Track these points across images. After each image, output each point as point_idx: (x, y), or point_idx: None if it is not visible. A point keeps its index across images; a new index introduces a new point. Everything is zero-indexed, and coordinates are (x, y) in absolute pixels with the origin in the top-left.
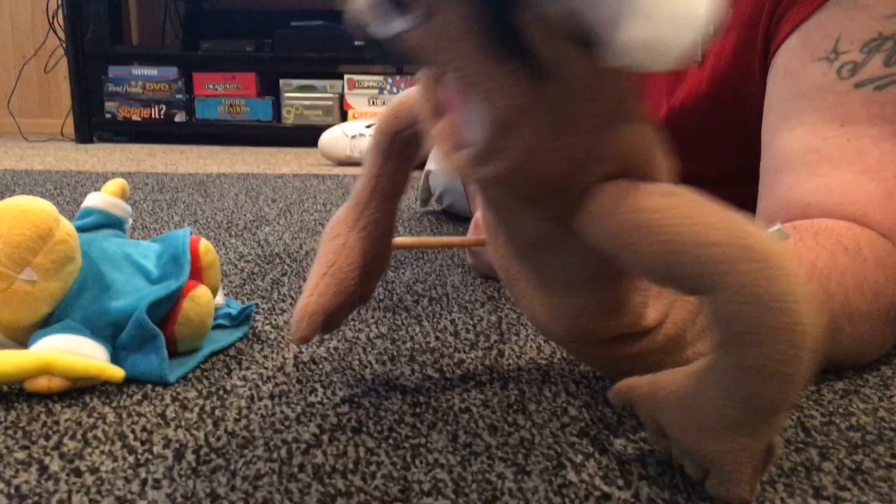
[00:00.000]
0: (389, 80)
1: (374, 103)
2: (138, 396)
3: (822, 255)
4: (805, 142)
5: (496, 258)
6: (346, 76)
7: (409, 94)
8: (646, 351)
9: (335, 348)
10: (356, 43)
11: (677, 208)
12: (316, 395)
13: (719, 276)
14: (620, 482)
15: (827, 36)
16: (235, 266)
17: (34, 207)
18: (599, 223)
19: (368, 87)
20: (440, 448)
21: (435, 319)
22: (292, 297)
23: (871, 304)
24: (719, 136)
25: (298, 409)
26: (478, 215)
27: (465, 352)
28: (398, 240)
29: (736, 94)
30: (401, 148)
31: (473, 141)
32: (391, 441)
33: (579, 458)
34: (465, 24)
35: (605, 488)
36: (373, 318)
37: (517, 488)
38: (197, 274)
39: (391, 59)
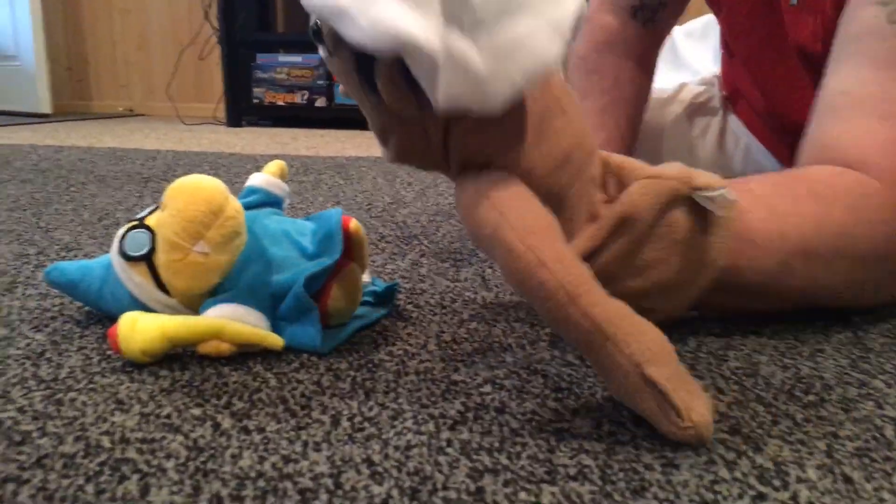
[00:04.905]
0: None
1: None
2: (296, 364)
3: (786, 201)
4: (842, 84)
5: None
6: None
7: None
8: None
9: (475, 330)
10: None
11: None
12: (459, 374)
13: None
14: (777, 483)
15: None
16: (376, 246)
17: (208, 185)
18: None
19: None
20: (584, 434)
21: None
22: (431, 278)
23: (833, 245)
24: None
25: (443, 386)
26: None
27: None
28: None
29: None
30: None
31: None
32: (534, 423)
33: (731, 456)
34: (348, 66)
35: (761, 488)
36: (511, 302)
37: (666, 480)
38: (348, 252)
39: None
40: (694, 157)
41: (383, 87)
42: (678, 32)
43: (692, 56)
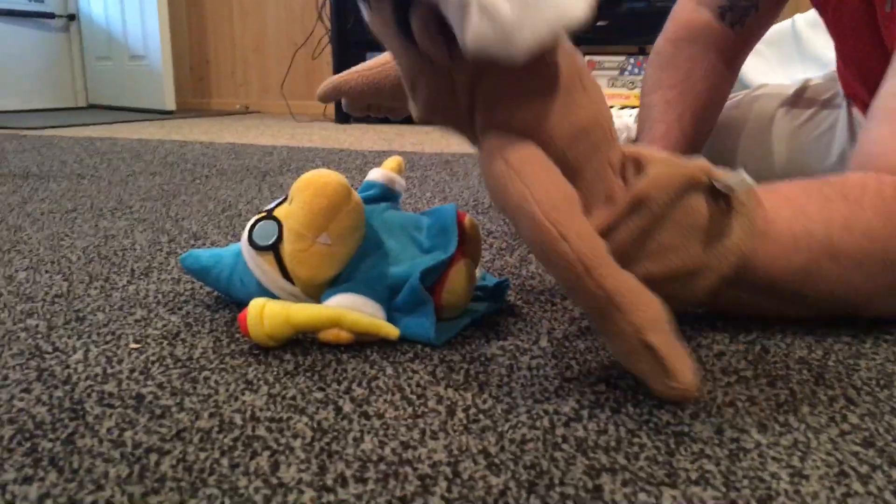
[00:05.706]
0: (631, 61)
1: (614, 84)
2: (410, 354)
3: (814, 202)
4: (892, 89)
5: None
6: (585, 57)
7: None
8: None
9: (586, 328)
10: (598, 24)
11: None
12: (572, 372)
13: None
14: None
15: None
16: (484, 242)
17: (333, 180)
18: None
19: (609, 69)
20: (705, 439)
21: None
22: (540, 275)
23: (863, 246)
24: None
25: (556, 382)
26: None
27: (724, 344)
28: None
29: None
30: None
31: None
32: (651, 425)
33: (864, 469)
34: (387, 19)
35: None
36: None
37: (794, 491)
38: (462, 247)
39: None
40: (823, 158)
41: (417, 30)
42: (801, 22)
43: (817, 46)
